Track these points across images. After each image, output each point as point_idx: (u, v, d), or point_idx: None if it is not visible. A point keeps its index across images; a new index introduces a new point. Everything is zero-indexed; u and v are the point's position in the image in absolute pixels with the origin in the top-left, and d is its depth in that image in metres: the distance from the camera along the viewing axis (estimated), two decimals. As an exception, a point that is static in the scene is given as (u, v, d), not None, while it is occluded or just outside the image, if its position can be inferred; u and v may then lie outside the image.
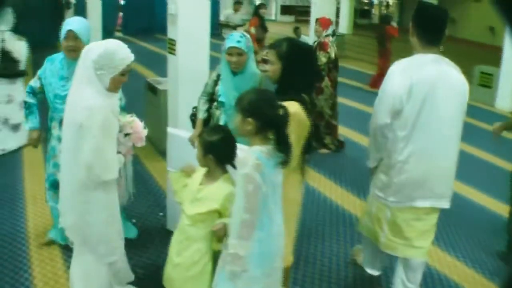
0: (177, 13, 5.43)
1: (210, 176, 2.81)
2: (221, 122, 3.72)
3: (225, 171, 2.80)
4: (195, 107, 4.09)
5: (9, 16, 6.59)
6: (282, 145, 2.52)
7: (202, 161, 2.80)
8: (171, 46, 5.67)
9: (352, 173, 6.13)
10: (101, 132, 2.84)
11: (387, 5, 29.47)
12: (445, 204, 3.29)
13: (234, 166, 2.76)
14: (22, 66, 6.40)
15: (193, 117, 4.04)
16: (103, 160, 2.90)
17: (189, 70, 5.58)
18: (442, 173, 3.20)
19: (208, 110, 3.89)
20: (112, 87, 2.94)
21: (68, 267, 3.89)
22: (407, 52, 3.34)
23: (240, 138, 2.77)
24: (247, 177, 2.43)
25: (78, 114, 2.87)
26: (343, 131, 7.42)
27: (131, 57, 2.95)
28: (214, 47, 6.09)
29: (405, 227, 3.29)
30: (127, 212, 4.63)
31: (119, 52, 2.90)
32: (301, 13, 28.48)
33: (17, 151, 6.31)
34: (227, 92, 3.70)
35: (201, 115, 3.90)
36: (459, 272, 4.18)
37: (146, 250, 4.18)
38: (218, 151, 2.75)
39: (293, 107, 2.79)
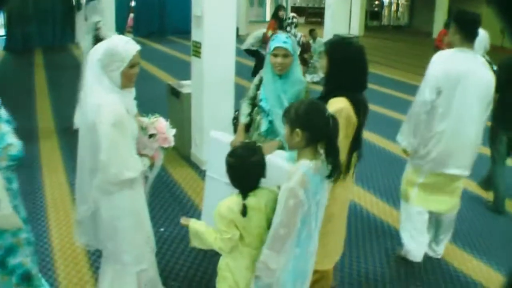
0: (202, 15, 5.32)
1: None
2: (262, 128, 3.59)
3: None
4: (237, 110, 3.95)
5: (101, 8, 7.20)
6: (332, 157, 2.40)
7: None
8: (196, 49, 5.56)
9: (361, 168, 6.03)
10: (113, 128, 2.72)
11: (397, 7, 29.31)
12: (467, 173, 3.96)
13: (244, 196, 2.55)
14: None
15: (235, 121, 3.89)
16: (119, 158, 2.77)
17: (215, 73, 5.48)
18: (468, 147, 3.85)
19: (250, 115, 3.75)
20: (125, 82, 2.84)
21: (94, 272, 3.84)
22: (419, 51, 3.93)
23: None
24: (291, 191, 2.34)
25: (88, 114, 2.79)
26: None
27: (136, 47, 2.84)
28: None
29: (433, 188, 3.97)
30: (155, 221, 4.52)
31: (122, 44, 2.81)
32: (311, 14, 28.41)
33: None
34: (268, 96, 3.55)
35: (243, 119, 3.76)
36: (475, 269, 4.19)
37: (177, 261, 4.03)
38: (231, 175, 2.60)
39: (341, 102, 2.83)
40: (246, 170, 2.54)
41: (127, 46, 2.81)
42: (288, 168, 2.60)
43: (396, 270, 4.10)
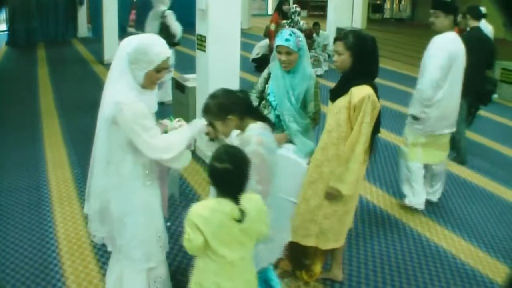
0: (207, 9, 5.29)
1: None
2: None
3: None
4: None
5: None
6: (262, 117, 2.83)
7: None
8: (200, 42, 5.54)
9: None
10: (135, 124, 2.67)
11: (400, 0, 29.18)
12: (454, 129, 4.89)
13: (237, 200, 2.40)
14: (177, 39, 8.06)
15: None
16: (153, 147, 2.74)
17: (220, 66, 5.45)
18: (455, 109, 4.76)
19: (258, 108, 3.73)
20: (147, 84, 2.76)
21: (101, 267, 3.85)
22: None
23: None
24: (252, 153, 2.56)
25: (106, 107, 2.74)
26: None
27: (167, 53, 2.76)
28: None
29: (433, 144, 4.78)
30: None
31: (154, 47, 2.72)
32: (314, 8, 28.31)
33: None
34: (276, 91, 3.53)
35: None
36: (482, 261, 4.20)
37: (186, 255, 4.02)
38: (227, 181, 2.41)
39: (366, 89, 3.16)
40: (243, 173, 2.40)
41: (159, 49, 2.73)
42: (300, 161, 2.70)
43: (403, 263, 4.09)
